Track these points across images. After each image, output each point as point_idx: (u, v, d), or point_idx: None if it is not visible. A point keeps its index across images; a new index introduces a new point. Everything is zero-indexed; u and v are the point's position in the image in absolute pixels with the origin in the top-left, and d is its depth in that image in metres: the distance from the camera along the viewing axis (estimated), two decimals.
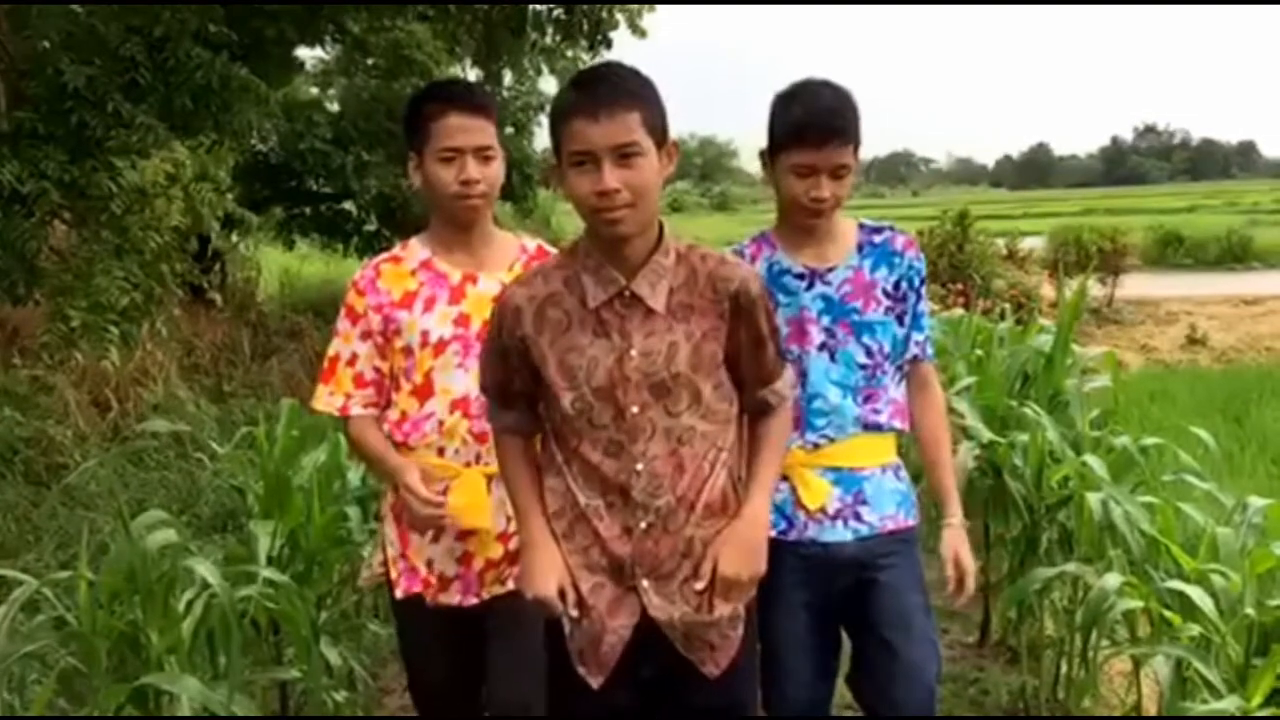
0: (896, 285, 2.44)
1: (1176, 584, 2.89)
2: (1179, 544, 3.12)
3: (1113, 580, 3.02)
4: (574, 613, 2.02)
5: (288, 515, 3.22)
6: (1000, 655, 4.16)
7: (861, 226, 2.48)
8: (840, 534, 2.37)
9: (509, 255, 2.49)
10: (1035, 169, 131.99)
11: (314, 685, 3.02)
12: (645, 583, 2.02)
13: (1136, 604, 2.96)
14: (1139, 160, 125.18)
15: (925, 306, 2.51)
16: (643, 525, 2.00)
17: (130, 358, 6.61)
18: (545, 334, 2.00)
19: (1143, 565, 3.16)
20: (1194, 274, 20.36)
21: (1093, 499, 3.36)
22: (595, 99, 1.88)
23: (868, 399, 2.40)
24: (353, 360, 2.42)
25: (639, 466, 1.98)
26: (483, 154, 2.35)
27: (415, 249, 2.45)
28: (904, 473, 2.48)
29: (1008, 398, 4.26)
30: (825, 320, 2.39)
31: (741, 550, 2.03)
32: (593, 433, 1.99)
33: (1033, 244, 16.70)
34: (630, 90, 1.91)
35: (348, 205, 11.41)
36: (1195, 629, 2.75)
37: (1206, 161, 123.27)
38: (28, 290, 4.88)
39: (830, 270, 2.41)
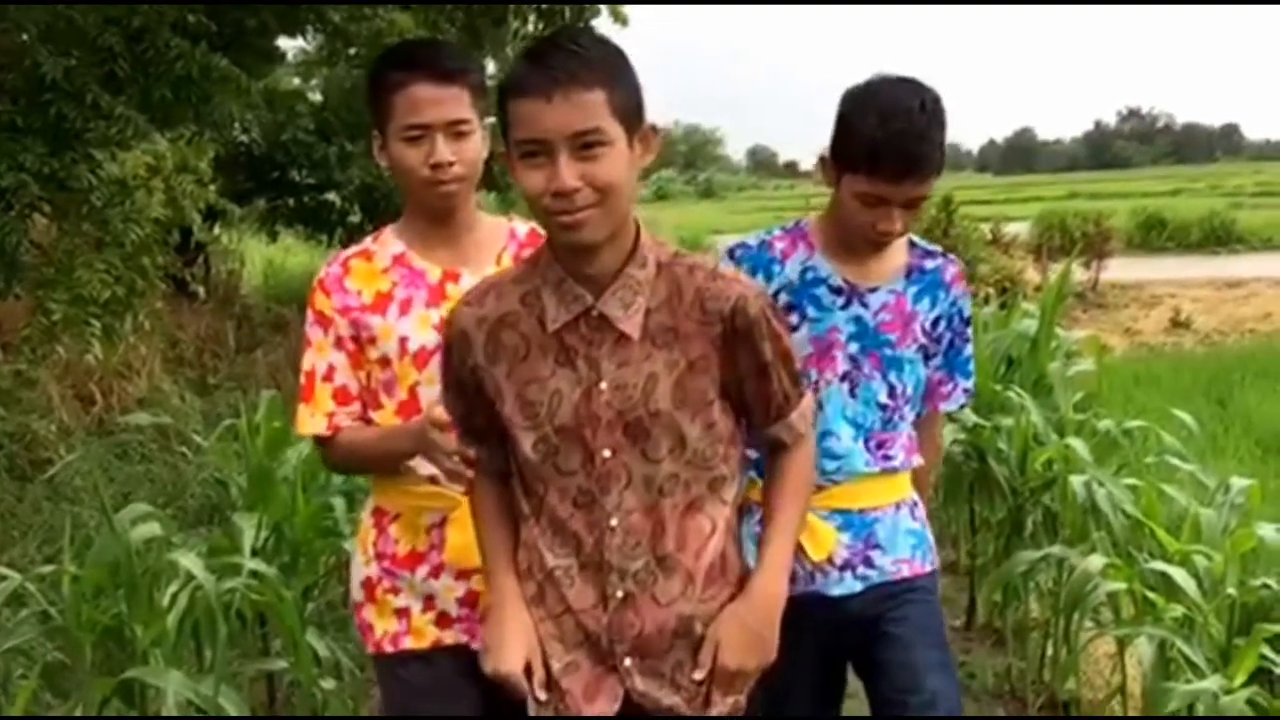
0: (935, 323, 2.12)
1: (1159, 565, 2.91)
2: (1162, 525, 3.14)
3: (1096, 562, 3.04)
4: (541, 695, 1.70)
5: (272, 507, 3.21)
6: (986, 638, 4.19)
7: (913, 246, 2.12)
8: (849, 585, 2.07)
9: (496, 245, 2.10)
10: (1020, 154, 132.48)
11: (302, 676, 3.02)
12: (628, 662, 1.70)
13: (1120, 585, 2.98)
14: (1123, 144, 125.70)
15: (971, 348, 2.21)
16: (619, 594, 1.67)
17: (113, 351, 6.58)
18: (500, 363, 1.67)
19: (1126, 547, 3.18)
20: (1177, 257, 20.44)
21: (1076, 482, 3.38)
22: (549, 75, 1.52)
23: (881, 444, 2.09)
24: (330, 374, 2.04)
25: (613, 522, 1.65)
26: (455, 129, 1.95)
27: (388, 241, 2.07)
28: (921, 510, 2.19)
29: (992, 382, 4.27)
30: (853, 347, 2.06)
31: (747, 636, 1.70)
32: (560, 480, 1.67)
33: (1017, 229, 16.73)
34: (594, 64, 1.54)
35: (331, 196, 11.34)
36: (1178, 609, 2.78)
37: (1190, 145, 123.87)
38: (8, 284, 4.83)
39: (871, 290, 2.07)
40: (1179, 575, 2.79)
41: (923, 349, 2.11)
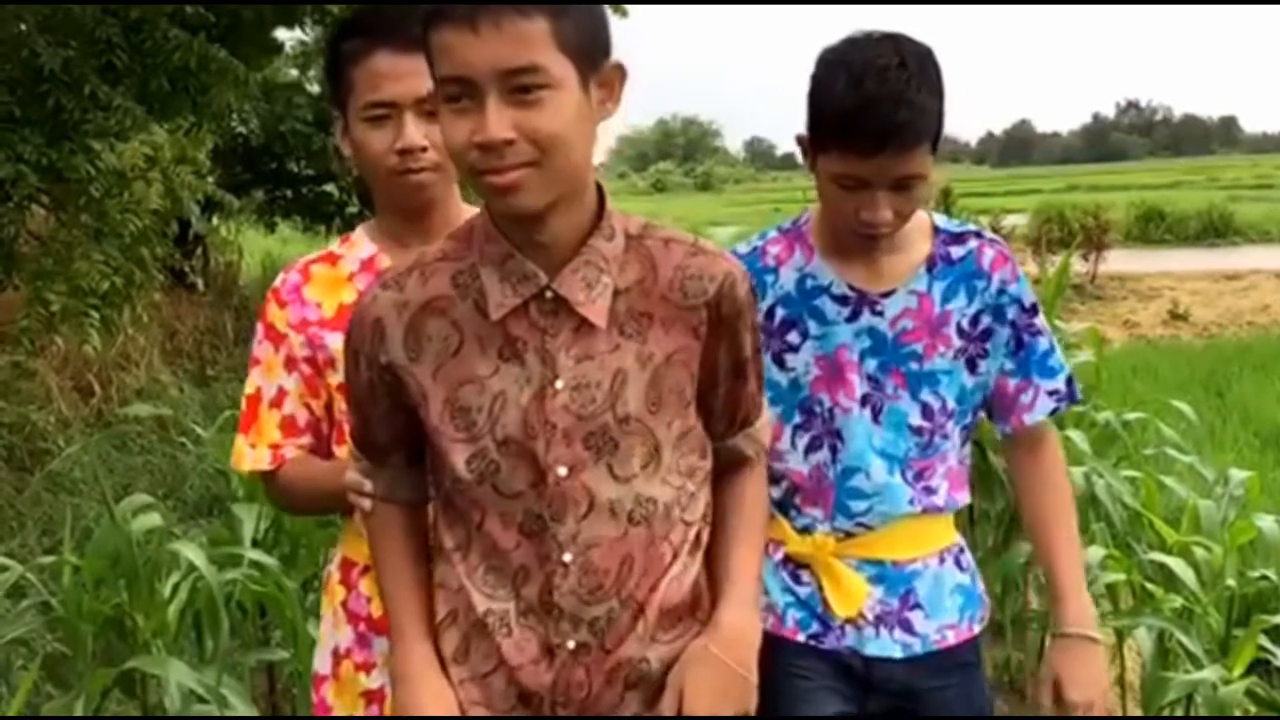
0: (976, 319, 1.73)
1: (1159, 556, 2.93)
2: (1161, 517, 3.16)
3: (1096, 553, 3.05)
4: None
5: None
6: (985, 629, 4.19)
7: (938, 232, 1.75)
8: (886, 647, 1.73)
9: None
10: (1018, 146, 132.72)
11: (302, 667, 3.02)
12: None
13: (1119, 576, 2.99)
14: (1121, 137, 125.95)
15: (1049, 341, 1.78)
16: (570, 644, 1.34)
17: (112, 343, 6.57)
18: (425, 359, 1.33)
19: (1125, 538, 3.19)
20: (1175, 250, 20.43)
21: (1076, 473, 3.38)
22: None
23: (920, 474, 1.73)
24: (279, 399, 1.72)
25: (566, 556, 1.32)
26: (426, 107, 1.61)
27: (358, 243, 1.77)
28: (968, 556, 1.83)
29: None
30: (870, 365, 1.71)
31: (720, 677, 1.38)
32: (502, 504, 1.33)
33: (1016, 221, 16.75)
34: None
35: (329, 187, 11.33)
36: (1177, 600, 2.79)
37: (1188, 137, 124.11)
38: (6, 275, 4.84)
39: (886, 295, 1.71)
40: (1178, 566, 2.81)
41: (963, 353, 1.73)
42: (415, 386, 1.34)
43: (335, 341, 1.64)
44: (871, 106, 1.54)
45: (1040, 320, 1.77)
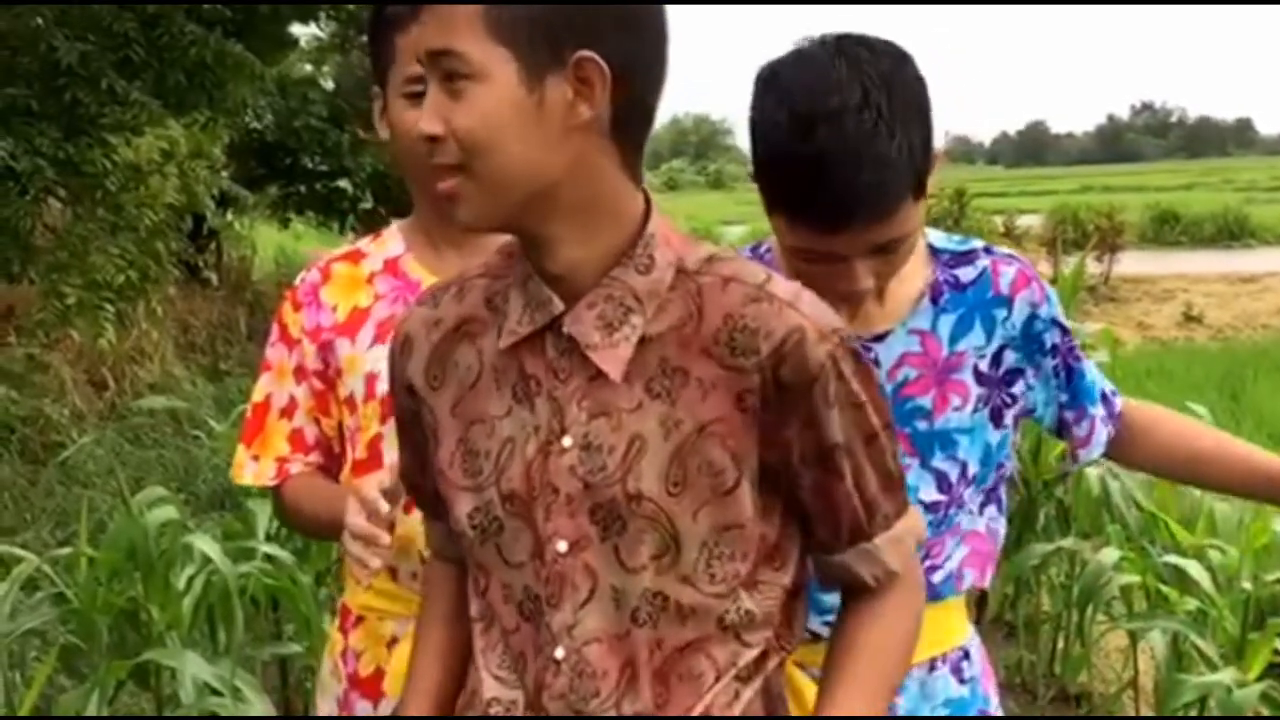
0: (998, 358, 1.38)
1: (1173, 559, 2.91)
2: (1176, 519, 3.14)
3: (1110, 555, 3.04)
4: None
5: None
6: (997, 631, 4.18)
7: (936, 254, 1.40)
8: None
9: None
10: (1032, 147, 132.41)
11: (315, 661, 3.03)
12: None
13: (1133, 579, 2.98)
14: (1135, 138, 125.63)
15: (1084, 364, 1.46)
16: None
17: (126, 336, 6.61)
18: (446, 389, 1.13)
19: (1140, 540, 3.18)
20: (1190, 252, 20.36)
21: (1090, 475, 3.38)
22: None
23: (926, 554, 1.37)
24: (289, 409, 1.55)
25: (559, 652, 1.07)
26: None
27: (388, 241, 1.57)
28: (974, 664, 1.47)
29: None
30: None
31: None
32: (505, 574, 1.10)
33: (1030, 222, 16.72)
34: None
35: (343, 183, 11.37)
36: (1192, 603, 2.78)
37: (1203, 139, 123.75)
38: (22, 268, 4.87)
39: (880, 339, 1.37)
40: (1193, 569, 2.80)
41: (984, 403, 1.38)
42: (430, 419, 1.14)
43: (345, 349, 1.50)
44: (828, 170, 1.17)
45: (1073, 340, 1.47)
